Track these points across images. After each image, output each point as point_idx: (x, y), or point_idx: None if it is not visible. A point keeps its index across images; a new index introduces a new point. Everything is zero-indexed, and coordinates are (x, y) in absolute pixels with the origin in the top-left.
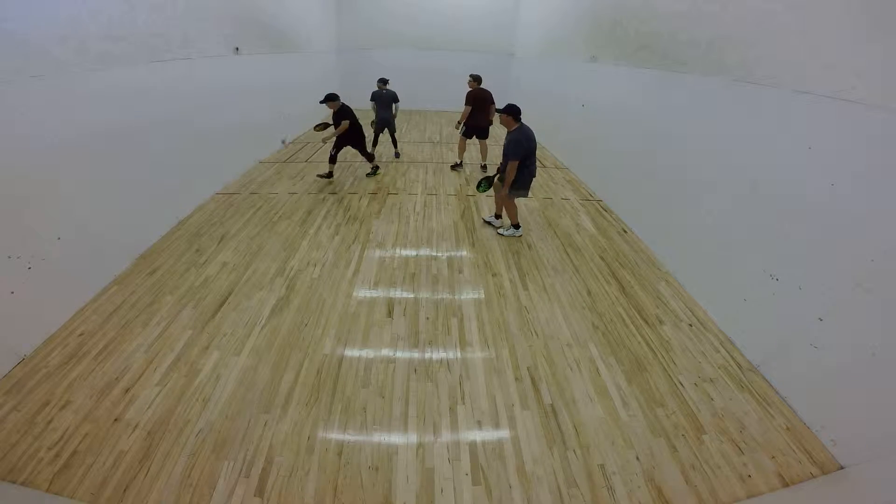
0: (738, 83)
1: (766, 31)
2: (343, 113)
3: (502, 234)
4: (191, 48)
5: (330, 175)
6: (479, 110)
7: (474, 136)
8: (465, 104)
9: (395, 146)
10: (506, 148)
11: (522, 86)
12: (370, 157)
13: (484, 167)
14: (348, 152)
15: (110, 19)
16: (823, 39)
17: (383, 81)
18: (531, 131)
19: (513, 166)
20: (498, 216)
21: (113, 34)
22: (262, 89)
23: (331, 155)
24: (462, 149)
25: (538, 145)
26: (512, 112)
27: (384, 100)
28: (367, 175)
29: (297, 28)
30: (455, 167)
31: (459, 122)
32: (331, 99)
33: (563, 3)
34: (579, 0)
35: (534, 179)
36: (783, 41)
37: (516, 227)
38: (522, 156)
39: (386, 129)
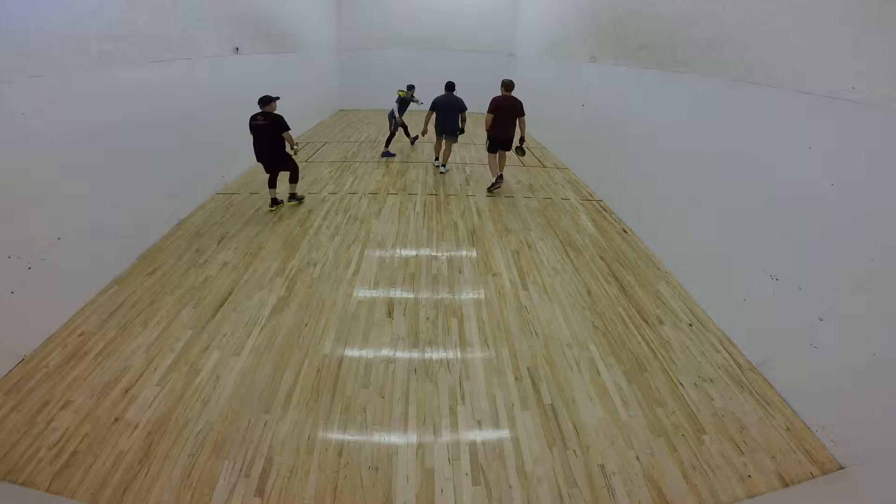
0: (738, 83)
1: (767, 30)
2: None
3: (435, 165)
4: (191, 48)
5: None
6: (502, 120)
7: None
8: (487, 111)
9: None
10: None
11: (522, 86)
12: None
13: (499, 177)
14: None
15: (110, 19)
16: (823, 39)
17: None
18: (451, 100)
19: (427, 114)
20: (438, 159)
21: (113, 34)
22: (262, 89)
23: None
24: (492, 166)
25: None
26: (446, 84)
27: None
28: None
29: (297, 28)
30: (492, 188)
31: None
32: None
33: (562, 3)
34: (579, 0)
35: (449, 134)
36: (783, 41)
37: (436, 159)
38: (433, 108)
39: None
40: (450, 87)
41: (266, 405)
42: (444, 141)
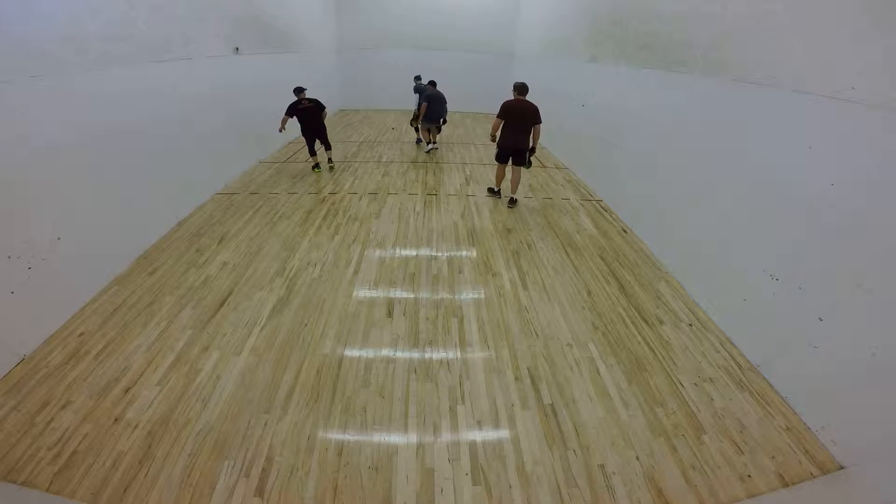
0: (738, 83)
1: (766, 31)
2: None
3: (427, 150)
4: (191, 48)
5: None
6: (512, 127)
7: (511, 162)
8: (497, 116)
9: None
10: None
11: None
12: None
13: (512, 201)
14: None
15: (110, 19)
16: (823, 39)
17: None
18: (438, 94)
19: (423, 106)
20: (430, 142)
21: (113, 34)
22: (263, 89)
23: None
24: (499, 176)
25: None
26: (429, 82)
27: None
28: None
29: (298, 28)
30: (491, 192)
31: (493, 136)
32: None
33: (563, 3)
34: (579, 0)
35: (443, 125)
36: (783, 41)
37: (428, 142)
38: (427, 100)
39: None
40: (434, 84)
41: (266, 405)
42: (437, 125)
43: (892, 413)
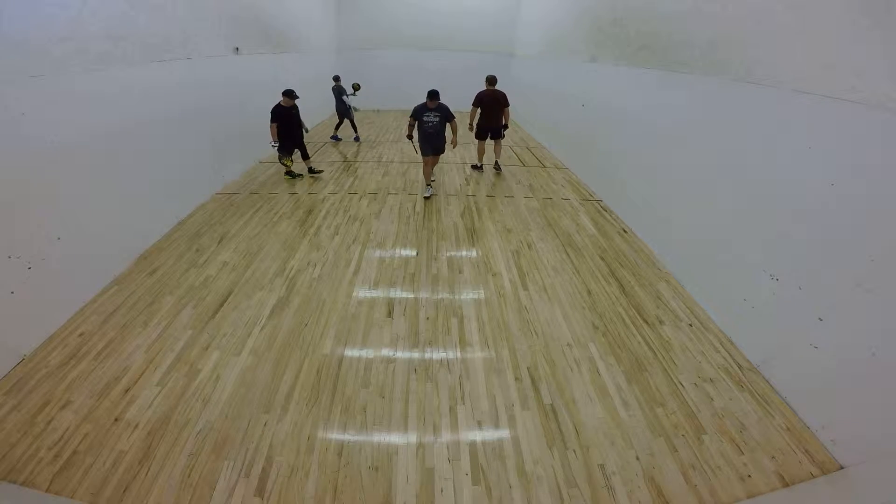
0: (738, 83)
1: (766, 31)
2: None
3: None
4: (191, 48)
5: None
6: (487, 112)
7: (489, 137)
8: (472, 105)
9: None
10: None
11: (522, 85)
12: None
13: (496, 165)
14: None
15: (110, 19)
16: (823, 39)
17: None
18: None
19: (410, 122)
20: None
21: (113, 34)
22: (262, 89)
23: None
24: (480, 151)
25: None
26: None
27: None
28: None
29: (298, 28)
30: (475, 168)
31: (470, 124)
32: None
33: (563, 3)
34: (579, 0)
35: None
36: (783, 41)
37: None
38: (414, 117)
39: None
40: (434, 95)
41: (266, 405)
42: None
43: (892, 413)
